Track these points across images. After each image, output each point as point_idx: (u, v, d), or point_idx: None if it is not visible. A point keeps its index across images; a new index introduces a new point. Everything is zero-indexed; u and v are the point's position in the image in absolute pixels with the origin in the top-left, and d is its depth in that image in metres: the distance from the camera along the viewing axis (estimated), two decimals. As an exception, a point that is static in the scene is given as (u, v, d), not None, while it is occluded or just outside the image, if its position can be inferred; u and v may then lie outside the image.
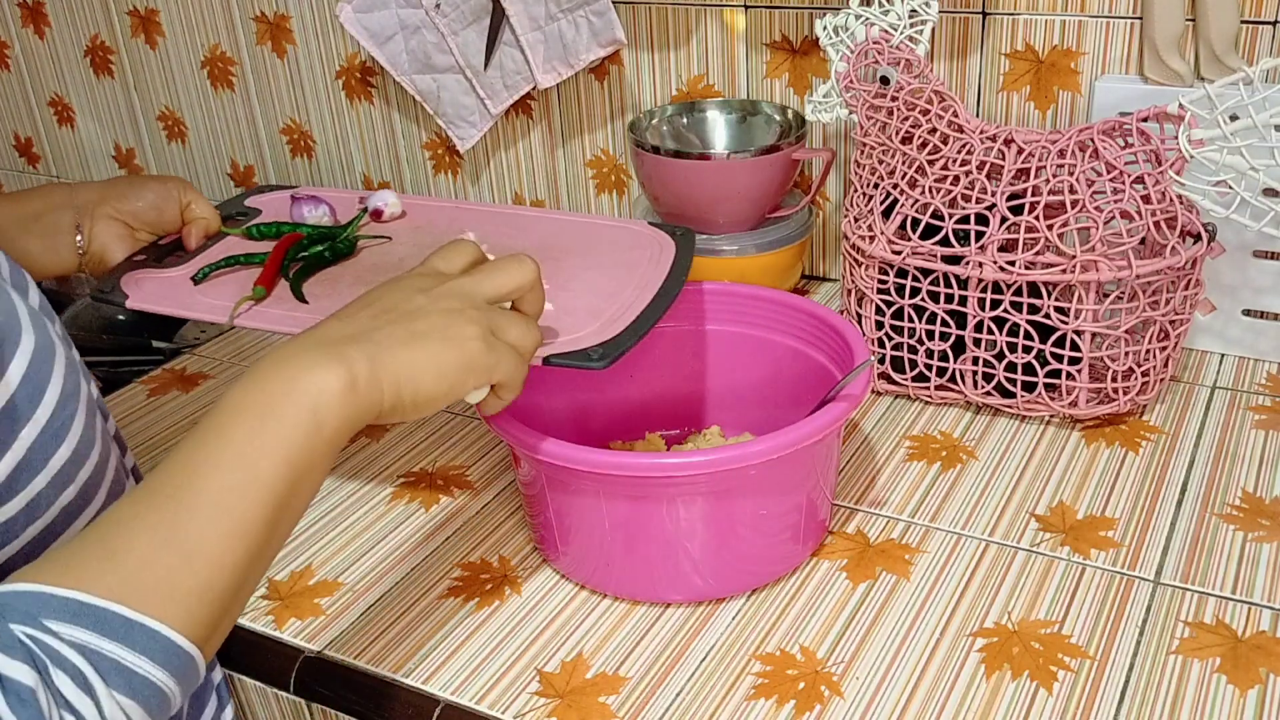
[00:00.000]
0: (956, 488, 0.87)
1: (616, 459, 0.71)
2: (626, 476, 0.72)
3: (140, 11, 1.51)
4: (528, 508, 0.82)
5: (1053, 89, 1.04)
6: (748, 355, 0.91)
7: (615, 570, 0.77)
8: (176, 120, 1.58)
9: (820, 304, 0.88)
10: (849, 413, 0.74)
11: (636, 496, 0.73)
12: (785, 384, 0.90)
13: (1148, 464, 0.89)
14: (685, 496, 0.73)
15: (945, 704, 0.68)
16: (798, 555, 0.80)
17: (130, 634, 0.47)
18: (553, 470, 0.74)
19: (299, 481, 0.54)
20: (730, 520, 0.74)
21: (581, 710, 0.70)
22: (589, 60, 1.16)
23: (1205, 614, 0.74)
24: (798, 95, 1.15)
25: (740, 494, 0.73)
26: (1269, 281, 0.99)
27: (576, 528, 0.77)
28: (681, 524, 0.74)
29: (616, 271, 0.85)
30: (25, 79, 1.69)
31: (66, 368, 0.56)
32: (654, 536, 0.74)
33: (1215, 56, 0.95)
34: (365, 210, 0.97)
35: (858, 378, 0.76)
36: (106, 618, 0.47)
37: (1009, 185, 0.88)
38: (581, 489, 0.74)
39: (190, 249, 0.91)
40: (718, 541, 0.75)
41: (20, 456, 0.53)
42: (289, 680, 0.75)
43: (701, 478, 0.71)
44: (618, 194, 1.30)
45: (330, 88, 1.42)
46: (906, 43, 0.92)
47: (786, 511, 0.76)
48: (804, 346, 0.88)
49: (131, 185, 0.89)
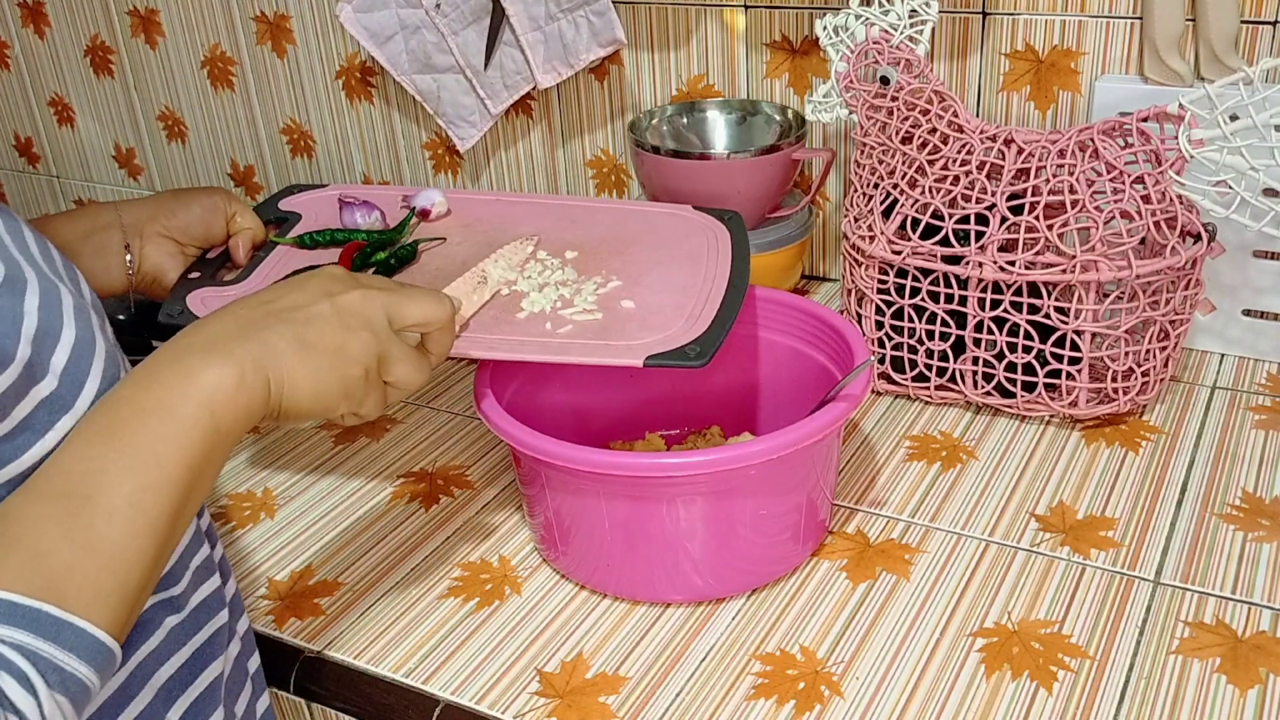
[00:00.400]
0: (956, 488, 0.87)
1: (616, 458, 0.71)
2: (626, 476, 0.72)
3: (140, 11, 1.51)
4: (527, 508, 0.82)
5: (1053, 89, 1.04)
6: (748, 355, 0.91)
7: (615, 570, 0.77)
8: (176, 120, 1.58)
9: (820, 303, 0.88)
10: (849, 413, 0.74)
11: (636, 496, 0.73)
12: (785, 384, 0.90)
13: (1148, 464, 0.89)
14: (685, 496, 0.73)
15: (945, 704, 0.68)
16: (798, 555, 0.80)
17: (61, 634, 0.48)
18: (552, 470, 0.74)
19: (199, 478, 0.55)
20: (730, 520, 0.74)
21: (581, 710, 0.70)
22: (589, 60, 1.16)
23: (1205, 614, 0.74)
24: (798, 95, 1.15)
25: (740, 494, 0.73)
26: (1269, 281, 0.99)
27: (576, 528, 0.77)
28: (681, 524, 0.74)
29: (684, 263, 0.84)
30: (25, 79, 1.69)
31: (106, 360, 0.57)
32: (653, 536, 0.74)
33: (1215, 56, 0.95)
34: (413, 211, 0.94)
35: (858, 378, 0.76)
36: (39, 618, 0.47)
37: (1009, 185, 0.88)
38: (581, 489, 0.74)
39: (240, 263, 0.88)
40: (717, 542, 0.75)
41: (56, 442, 0.53)
42: (289, 680, 0.75)
43: (701, 478, 0.71)
44: (618, 194, 1.30)
45: (330, 88, 1.42)
46: (906, 43, 0.92)
47: (786, 512, 0.76)
48: (804, 346, 0.88)
49: (178, 201, 0.88)
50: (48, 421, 0.53)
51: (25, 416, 0.52)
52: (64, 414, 0.54)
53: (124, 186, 1.70)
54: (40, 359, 0.53)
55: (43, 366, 0.53)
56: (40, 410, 0.53)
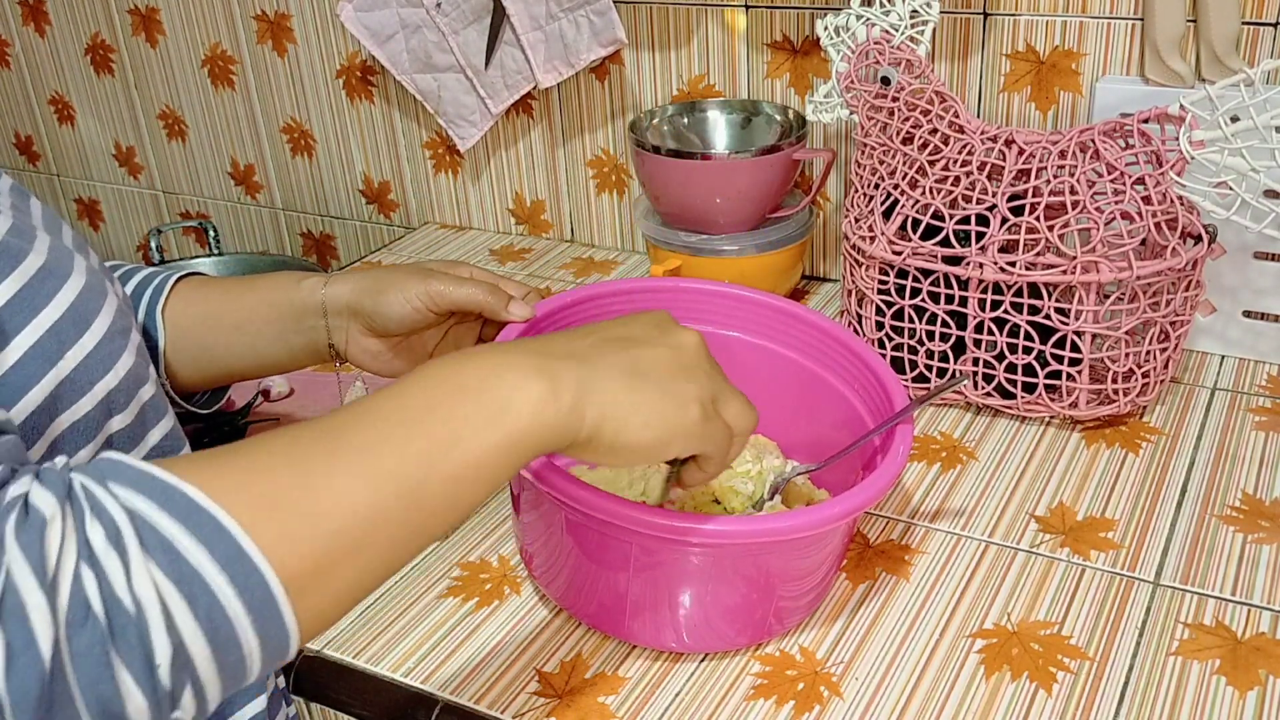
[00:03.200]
0: (956, 488, 0.87)
1: (579, 490, 0.64)
2: (588, 514, 0.65)
3: (141, 10, 1.51)
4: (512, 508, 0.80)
5: (1054, 90, 1.04)
6: (740, 362, 0.87)
7: (583, 600, 0.74)
8: (177, 119, 1.58)
9: (817, 311, 0.85)
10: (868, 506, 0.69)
11: (601, 533, 0.68)
12: (787, 394, 0.85)
13: (1148, 465, 0.89)
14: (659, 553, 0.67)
15: (944, 705, 0.68)
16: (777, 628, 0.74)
17: (193, 518, 0.42)
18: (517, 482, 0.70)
19: (455, 475, 0.49)
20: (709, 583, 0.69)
21: (580, 710, 0.69)
22: (590, 60, 1.16)
23: (1205, 615, 0.74)
24: (798, 95, 1.15)
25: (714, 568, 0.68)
26: (1269, 283, 0.99)
27: (542, 545, 0.74)
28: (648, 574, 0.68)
29: None
30: (25, 77, 1.69)
31: (118, 313, 0.58)
32: (632, 578, 0.69)
33: (1216, 58, 0.95)
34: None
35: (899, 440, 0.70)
36: (172, 494, 0.43)
37: (1010, 186, 0.88)
38: (539, 504, 0.71)
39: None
40: (691, 599, 0.69)
41: (65, 375, 0.54)
42: (288, 679, 0.75)
43: (654, 541, 0.65)
44: (618, 194, 1.30)
45: (331, 87, 1.42)
46: (907, 43, 0.92)
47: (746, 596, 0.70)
48: (808, 361, 0.84)
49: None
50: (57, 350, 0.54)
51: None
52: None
53: (124, 185, 1.70)
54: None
55: None
56: None
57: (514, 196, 1.37)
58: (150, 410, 0.62)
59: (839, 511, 0.65)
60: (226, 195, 1.61)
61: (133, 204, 1.72)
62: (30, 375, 0.52)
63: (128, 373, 0.59)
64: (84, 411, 0.55)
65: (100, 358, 0.56)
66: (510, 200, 1.37)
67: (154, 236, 1.35)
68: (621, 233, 1.32)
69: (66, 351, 0.54)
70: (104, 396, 0.57)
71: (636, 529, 0.64)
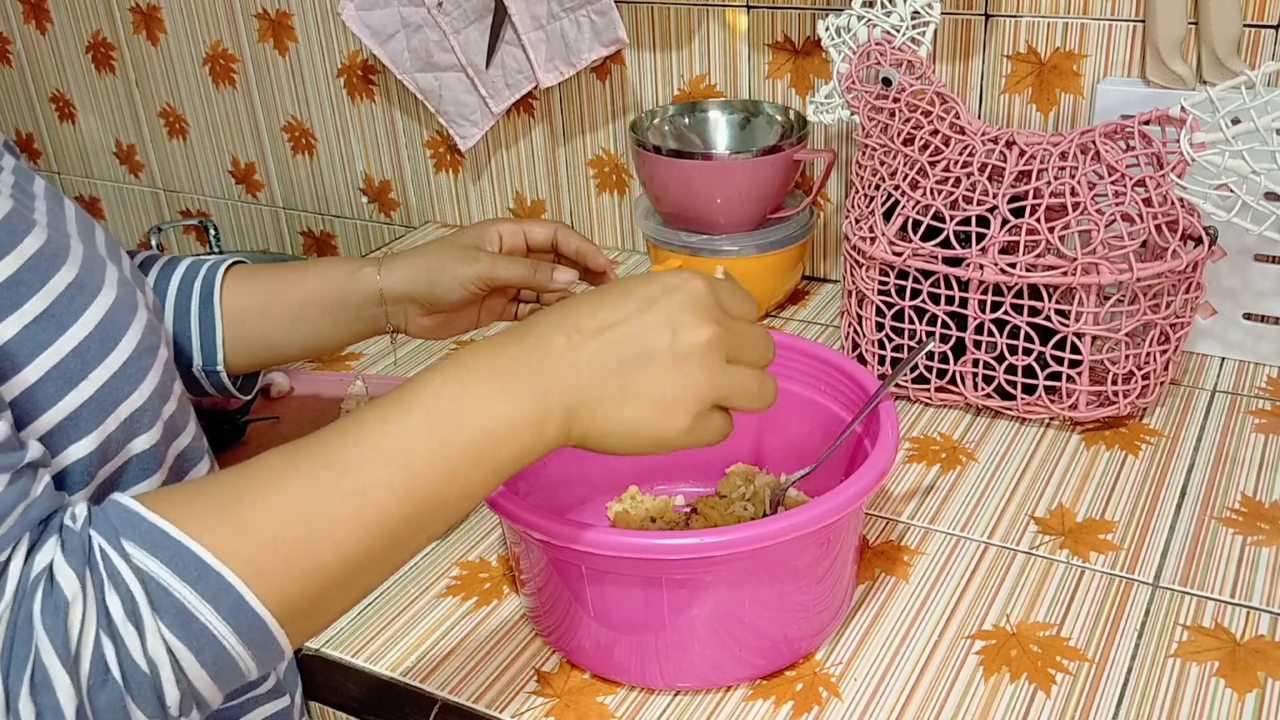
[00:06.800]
0: (956, 489, 0.87)
1: (548, 524, 0.64)
2: (557, 545, 0.65)
3: (142, 8, 1.51)
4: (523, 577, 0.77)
5: (1055, 91, 1.04)
6: None
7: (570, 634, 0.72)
8: (178, 117, 1.58)
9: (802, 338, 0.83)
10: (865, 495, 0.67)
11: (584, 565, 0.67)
12: (751, 416, 0.80)
13: (1147, 467, 0.89)
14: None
15: (943, 706, 0.68)
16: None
17: (201, 578, 0.46)
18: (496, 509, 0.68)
19: (445, 504, 0.52)
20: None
21: (579, 710, 0.69)
22: (591, 59, 1.16)
23: (1204, 617, 0.74)
24: (799, 96, 1.15)
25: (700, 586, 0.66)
26: (1270, 285, 0.99)
27: (532, 574, 0.72)
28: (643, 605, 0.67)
29: None
30: (27, 75, 1.69)
31: (146, 328, 0.58)
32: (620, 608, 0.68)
33: (1217, 60, 0.95)
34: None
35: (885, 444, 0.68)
36: (183, 555, 0.46)
37: (1010, 187, 0.88)
38: (526, 537, 0.69)
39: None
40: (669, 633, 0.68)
41: (90, 394, 0.54)
42: (287, 678, 0.75)
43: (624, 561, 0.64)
44: (619, 194, 1.30)
45: (332, 85, 1.42)
46: (909, 44, 0.92)
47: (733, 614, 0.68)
48: (801, 388, 0.82)
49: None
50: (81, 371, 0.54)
51: None
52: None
53: (125, 183, 1.70)
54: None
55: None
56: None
57: (514, 196, 1.37)
58: (173, 426, 0.62)
59: (857, 491, 0.65)
60: (227, 193, 1.61)
61: (133, 202, 1.72)
62: (50, 396, 0.52)
63: (153, 392, 0.58)
64: (108, 433, 0.55)
65: (126, 377, 0.56)
66: (511, 199, 1.37)
67: (154, 235, 1.34)
68: (622, 232, 1.33)
69: (91, 372, 0.54)
70: (128, 417, 0.56)
71: (669, 556, 0.63)
